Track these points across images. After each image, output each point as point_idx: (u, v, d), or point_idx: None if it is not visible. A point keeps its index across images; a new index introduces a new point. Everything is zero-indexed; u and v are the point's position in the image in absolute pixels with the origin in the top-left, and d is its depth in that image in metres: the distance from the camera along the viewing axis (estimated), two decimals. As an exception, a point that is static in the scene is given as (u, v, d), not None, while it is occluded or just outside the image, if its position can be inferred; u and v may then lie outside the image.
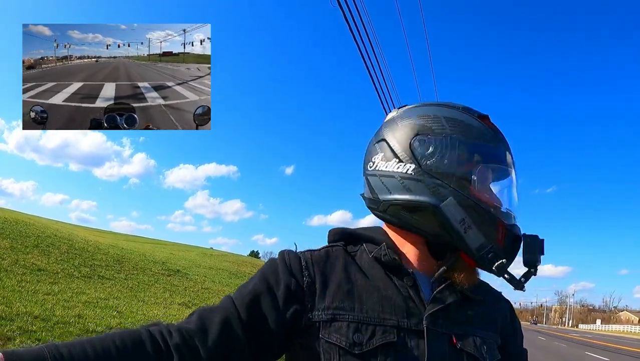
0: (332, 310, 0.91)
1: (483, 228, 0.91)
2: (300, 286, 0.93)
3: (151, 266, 17.99)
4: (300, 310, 0.91)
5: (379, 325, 0.89)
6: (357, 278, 0.95)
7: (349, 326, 0.89)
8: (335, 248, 1.02)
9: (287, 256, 0.98)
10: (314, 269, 0.95)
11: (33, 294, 9.15)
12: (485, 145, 0.96)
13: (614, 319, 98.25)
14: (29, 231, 15.36)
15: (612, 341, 35.37)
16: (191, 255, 30.03)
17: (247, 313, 0.90)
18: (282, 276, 0.94)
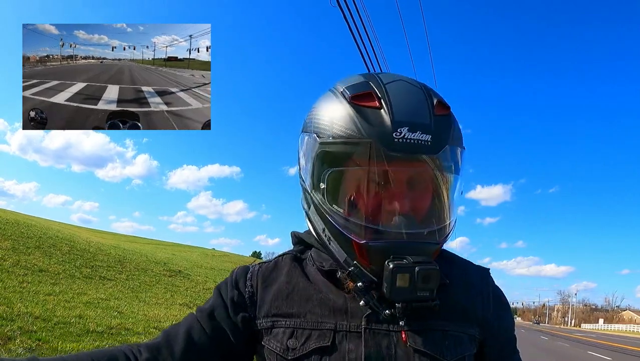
0: (270, 318, 0.92)
1: (341, 244, 0.84)
2: (242, 297, 0.95)
3: (152, 267, 17.98)
4: (247, 319, 0.94)
5: (315, 329, 0.88)
6: (298, 283, 0.94)
7: (284, 332, 0.89)
8: (285, 257, 1.02)
9: (236, 270, 1.00)
10: (257, 280, 0.96)
11: (34, 295, 9.15)
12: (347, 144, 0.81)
13: (616, 318, 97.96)
14: (30, 232, 15.35)
15: (615, 340, 35.27)
16: (193, 256, 30.07)
17: (207, 323, 0.94)
18: (229, 289, 0.97)
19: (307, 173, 0.87)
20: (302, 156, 0.89)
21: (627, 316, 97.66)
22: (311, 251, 0.99)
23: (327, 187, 0.83)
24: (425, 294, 0.78)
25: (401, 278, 0.77)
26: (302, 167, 0.90)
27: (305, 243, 1.01)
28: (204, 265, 25.51)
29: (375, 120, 0.80)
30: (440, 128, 0.81)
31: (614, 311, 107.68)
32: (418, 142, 0.78)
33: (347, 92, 0.85)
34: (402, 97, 0.83)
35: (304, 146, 0.88)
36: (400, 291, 0.78)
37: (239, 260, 34.84)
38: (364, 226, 0.81)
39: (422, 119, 0.80)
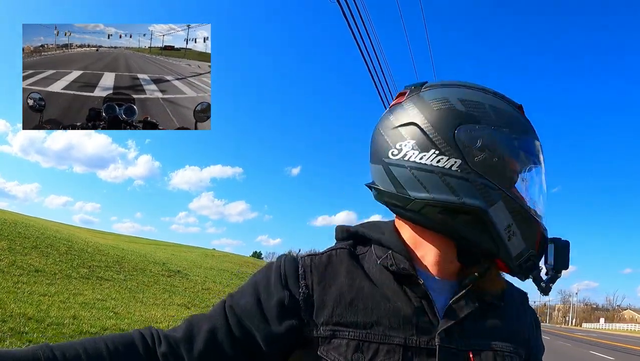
0: (331, 326, 0.81)
1: (526, 235, 0.83)
2: (295, 300, 0.83)
3: (151, 267, 17.92)
4: (297, 325, 0.82)
5: (382, 343, 0.79)
6: (362, 286, 0.84)
7: (348, 345, 0.79)
8: (339, 251, 0.89)
9: (283, 264, 0.87)
10: (312, 278, 0.85)
11: (29, 296, 9.08)
12: (529, 141, 0.87)
13: (617, 318, 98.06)
14: (28, 233, 15.29)
15: (616, 340, 35.22)
16: (192, 256, 30.00)
17: (236, 327, 0.82)
18: (275, 289, 0.84)
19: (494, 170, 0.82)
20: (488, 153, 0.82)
21: (628, 316, 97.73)
22: (373, 248, 0.89)
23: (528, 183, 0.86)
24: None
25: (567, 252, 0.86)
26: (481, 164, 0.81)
27: (363, 238, 0.91)
28: (204, 265, 25.44)
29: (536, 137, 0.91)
30: None
31: (615, 310, 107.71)
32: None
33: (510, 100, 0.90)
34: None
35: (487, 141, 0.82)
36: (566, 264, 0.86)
37: (238, 260, 34.86)
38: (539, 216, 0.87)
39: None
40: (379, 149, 0.87)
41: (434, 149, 0.81)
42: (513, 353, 0.85)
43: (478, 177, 0.81)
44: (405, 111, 0.86)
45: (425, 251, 0.87)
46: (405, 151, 0.83)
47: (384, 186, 0.86)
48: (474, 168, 0.81)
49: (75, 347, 0.75)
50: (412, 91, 0.89)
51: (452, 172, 0.80)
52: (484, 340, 0.83)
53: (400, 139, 0.84)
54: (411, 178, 0.82)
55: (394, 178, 0.84)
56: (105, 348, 0.76)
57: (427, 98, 0.85)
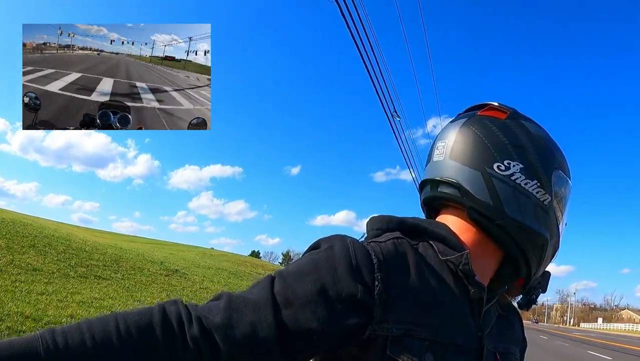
0: (405, 324, 0.77)
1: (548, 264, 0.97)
2: (369, 294, 0.75)
3: (149, 266, 17.89)
4: (364, 322, 0.75)
5: (449, 344, 0.79)
6: (431, 284, 0.81)
7: (420, 346, 0.76)
8: (400, 240, 0.83)
9: (353, 250, 0.77)
10: (387, 270, 0.77)
11: (26, 294, 9.06)
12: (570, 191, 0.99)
13: (615, 318, 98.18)
14: (26, 231, 15.26)
15: (614, 340, 35.26)
16: (191, 255, 29.98)
17: (288, 320, 0.73)
18: (345, 280, 0.74)
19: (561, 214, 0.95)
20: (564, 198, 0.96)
21: (625, 315, 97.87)
22: (433, 244, 0.86)
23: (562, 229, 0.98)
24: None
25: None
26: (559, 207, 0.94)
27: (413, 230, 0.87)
28: (202, 264, 25.43)
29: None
30: None
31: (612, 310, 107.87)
32: None
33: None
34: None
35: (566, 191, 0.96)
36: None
37: (236, 260, 34.84)
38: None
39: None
40: (482, 157, 0.88)
41: (537, 181, 0.88)
42: (517, 356, 0.99)
43: (554, 215, 0.92)
44: (514, 133, 0.90)
45: (480, 260, 0.88)
46: (512, 171, 0.87)
47: (477, 193, 0.87)
48: (554, 208, 0.92)
49: (81, 330, 0.66)
50: (512, 114, 0.94)
51: (543, 205, 0.89)
52: (503, 343, 0.93)
53: (510, 158, 0.88)
54: (511, 197, 0.86)
55: (494, 191, 0.86)
56: (116, 332, 0.67)
57: (532, 130, 0.92)
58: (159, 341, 0.68)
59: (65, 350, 0.64)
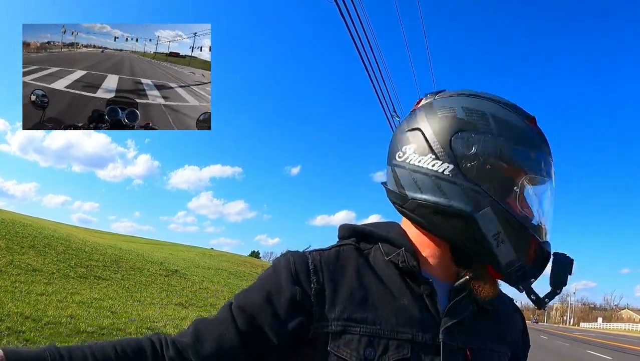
0: (342, 321, 0.83)
1: (516, 244, 0.84)
2: (307, 295, 0.85)
3: (149, 267, 17.90)
4: (306, 321, 0.84)
5: (392, 338, 0.82)
6: (371, 284, 0.87)
7: (360, 340, 0.82)
8: (346, 247, 0.92)
9: (293, 259, 0.88)
10: (323, 273, 0.86)
11: (26, 295, 9.07)
12: (532, 152, 0.87)
13: (615, 317, 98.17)
14: (25, 232, 15.27)
15: (614, 339, 35.28)
16: (190, 255, 29.99)
17: (245, 325, 0.84)
18: (286, 285, 0.85)
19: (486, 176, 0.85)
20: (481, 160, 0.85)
21: (625, 315, 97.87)
22: (381, 246, 0.92)
23: (520, 191, 0.86)
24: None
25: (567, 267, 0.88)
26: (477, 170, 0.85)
27: (370, 235, 0.94)
28: (201, 265, 25.44)
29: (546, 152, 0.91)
30: None
31: (612, 310, 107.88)
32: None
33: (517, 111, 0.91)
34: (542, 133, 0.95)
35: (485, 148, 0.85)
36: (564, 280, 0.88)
37: (236, 260, 34.83)
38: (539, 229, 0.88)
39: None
40: (390, 152, 0.93)
41: (431, 154, 0.86)
42: (502, 354, 0.92)
43: (468, 182, 0.84)
44: (415, 118, 0.91)
45: (428, 253, 0.91)
46: (408, 154, 0.89)
47: (390, 185, 0.93)
48: (465, 174, 0.84)
49: (83, 350, 0.77)
50: (427, 98, 0.94)
51: (444, 176, 0.85)
52: (479, 339, 0.88)
53: (406, 143, 0.90)
54: (409, 179, 0.88)
55: (397, 178, 0.90)
56: (114, 352, 0.78)
57: (436, 106, 0.90)
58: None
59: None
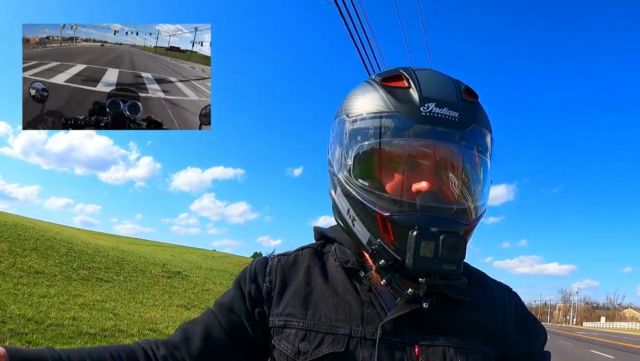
0: (283, 316, 0.88)
1: (365, 221, 0.81)
2: (260, 292, 0.92)
3: (151, 268, 17.90)
4: (263, 315, 0.91)
5: (329, 333, 0.84)
6: (317, 283, 0.91)
7: (296, 334, 0.86)
8: (305, 251, 0.98)
9: (255, 262, 0.97)
10: (276, 274, 0.93)
11: (29, 297, 9.08)
12: (374, 118, 0.81)
13: (618, 316, 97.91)
14: (28, 234, 15.29)
15: (617, 338, 35.18)
16: (192, 257, 29.99)
17: (225, 318, 0.92)
18: (247, 282, 0.94)
19: (334, 156, 0.87)
20: (332, 141, 0.89)
21: (628, 314, 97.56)
22: (334, 246, 0.96)
23: (353, 163, 0.82)
24: (452, 267, 0.74)
25: (425, 246, 0.73)
26: (331, 153, 0.89)
27: (327, 237, 0.99)
28: (204, 266, 25.42)
29: (404, 96, 0.81)
30: (468, 109, 0.82)
31: (615, 309, 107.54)
32: (445, 117, 0.78)
33: (377, 77, 0.87)
34: (431, 79, 0.83)
35: (334, 131, 0.89)
36: (425, 261, 0.74)
37: (238, 261, 34.79)
38: (389, 199, 0.79)
39: (450, 98, 0.80)
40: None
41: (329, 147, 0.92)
42: (472, 351, 0.83)
43: (330, 166, 0.89)
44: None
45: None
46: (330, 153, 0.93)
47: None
48: (330, 159, 0.90)
49: (80, 352, 0.82)
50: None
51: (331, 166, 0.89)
52: (437, 335, 0.82)
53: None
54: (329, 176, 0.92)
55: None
56: (109, 355, 0.83)
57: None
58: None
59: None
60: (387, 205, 0.78)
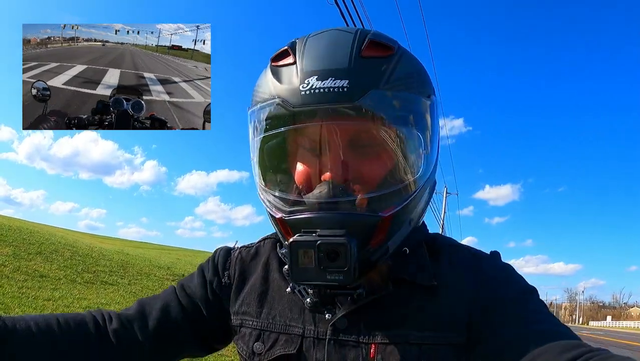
0: (240, 316, 0.86)
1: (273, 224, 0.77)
2: (220, 286, 0.90)
3: (156, 272, 17.86)
4: (221, 309, 0.89)
5: (283, 333, 0.80)
6: (274, 278, 0.86)
7: (251, 334, 0.83)
8: (267, 242, 0.93)
9: (218, 252, 0.94)
10: (236, 269, 0.90)
11: (33, 300, 9.07)
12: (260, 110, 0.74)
13: (624, 315, 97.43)
14: (32, 239, 15.29)
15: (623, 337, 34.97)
16: (197, 260, 29.90)
17: (186, 301, 0.88)
18: (210, 272, 0.91)
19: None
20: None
21: (635, 313, 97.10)
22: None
23: (252, 161, 0.77)
24: (338, 277, 0.63)
25: (304, 255, 0.64)
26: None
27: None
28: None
29: (286, 76, 0.70)
30: (364, 71, 0.67)
31: (621, 308, 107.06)
32: (329, 90, 0.66)
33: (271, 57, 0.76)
34: (321, 46, 0.71)
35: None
36: (305, 272, 0.65)
37: (243, 263, 34.73)
38: (281, 199, 0.73)
39: (337, 64, 0.67)
40: None
41: None
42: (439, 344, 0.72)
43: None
44: None
45: None
46: None
47: None
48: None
49: (25, 319, 0.76)
50: None
51: None
52: (398, 330, 0.73)
53: None
54: None
55: None
56: (56, 322, 0.78)
57: None
58: (92, 334, 0.79)
59: (13, 329, 0.72)
60: (281, 205, 0.73)
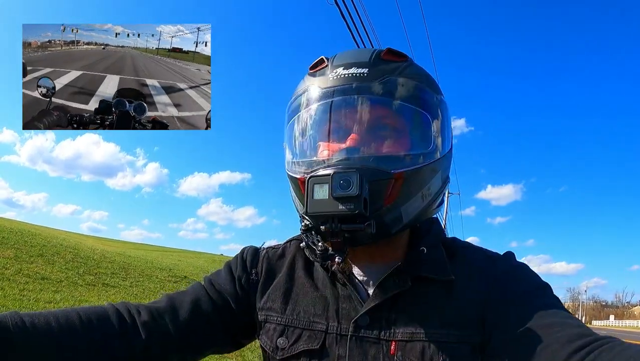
0: (265, 311, 0.88)
1: (294, 192, 0.85)
2: (248, 283, 0.92)
3: (157, 273, 17.87)
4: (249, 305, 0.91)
5: (306, 328, 0.82)
6: (299, 276, 0.90)
7: (275, 329, 0.85)
8: (293, 243, 0.97)
9: (247, 251, 0.97)
10: (263, 267, 0.93)
11: (35, 303, 9.07)
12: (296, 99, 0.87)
13: (627, 314, 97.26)
14: (34, 241, 15.32)
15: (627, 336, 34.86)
16: (199, 261, 29.99)
17: (217, 296, 0.89)
18: (238, 268, 0.93)
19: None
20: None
21: (637, 312, 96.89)
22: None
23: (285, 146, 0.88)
24: (349, 206, 0.68)
25: (319, 190, 0.70)
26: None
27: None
28: (210, 270, 25.16)
29: (319, 73, 0.85)
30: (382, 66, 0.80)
31: (624, 307, 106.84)
32: (352, 75, 0.79)
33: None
34: (348, 52, 0.85)
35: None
36: (319, 204, 0.70)
37: (245, 264, 34.75)
38: (304, 163, 0.81)
39: (361, 59, 0.81)
40: None
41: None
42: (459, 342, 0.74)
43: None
44: None
45: None
46: None
47: None
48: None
49: (46, 316, 0.74)
50: None
51: None
52: (418, 327, 0.75)
53: None
54: None
55: None
56: (78, 318, 0.76)
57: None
58: (115, 329, 0.78)
59: (32, 328, 0.70)
60: (303, 169, 0.80)
